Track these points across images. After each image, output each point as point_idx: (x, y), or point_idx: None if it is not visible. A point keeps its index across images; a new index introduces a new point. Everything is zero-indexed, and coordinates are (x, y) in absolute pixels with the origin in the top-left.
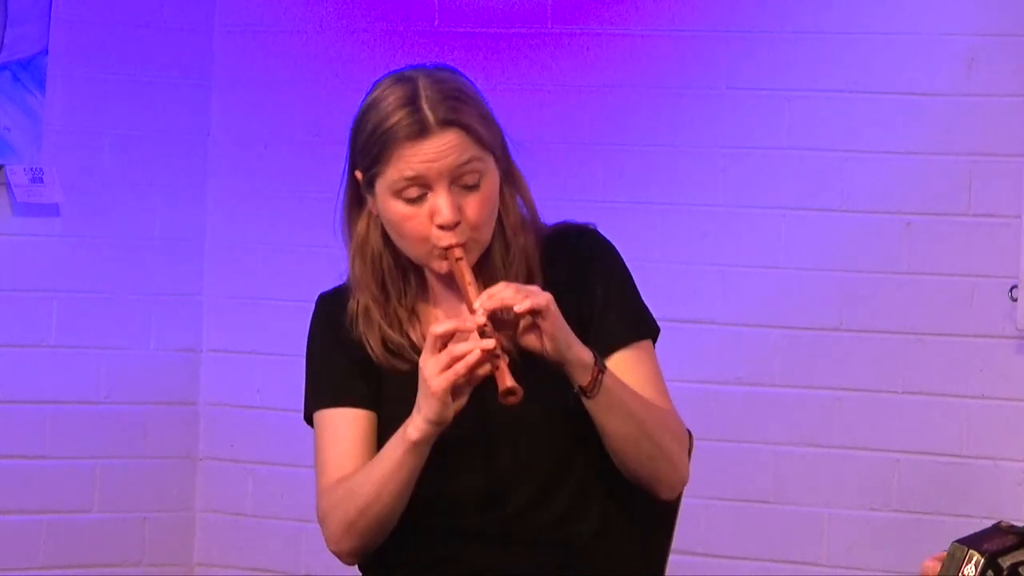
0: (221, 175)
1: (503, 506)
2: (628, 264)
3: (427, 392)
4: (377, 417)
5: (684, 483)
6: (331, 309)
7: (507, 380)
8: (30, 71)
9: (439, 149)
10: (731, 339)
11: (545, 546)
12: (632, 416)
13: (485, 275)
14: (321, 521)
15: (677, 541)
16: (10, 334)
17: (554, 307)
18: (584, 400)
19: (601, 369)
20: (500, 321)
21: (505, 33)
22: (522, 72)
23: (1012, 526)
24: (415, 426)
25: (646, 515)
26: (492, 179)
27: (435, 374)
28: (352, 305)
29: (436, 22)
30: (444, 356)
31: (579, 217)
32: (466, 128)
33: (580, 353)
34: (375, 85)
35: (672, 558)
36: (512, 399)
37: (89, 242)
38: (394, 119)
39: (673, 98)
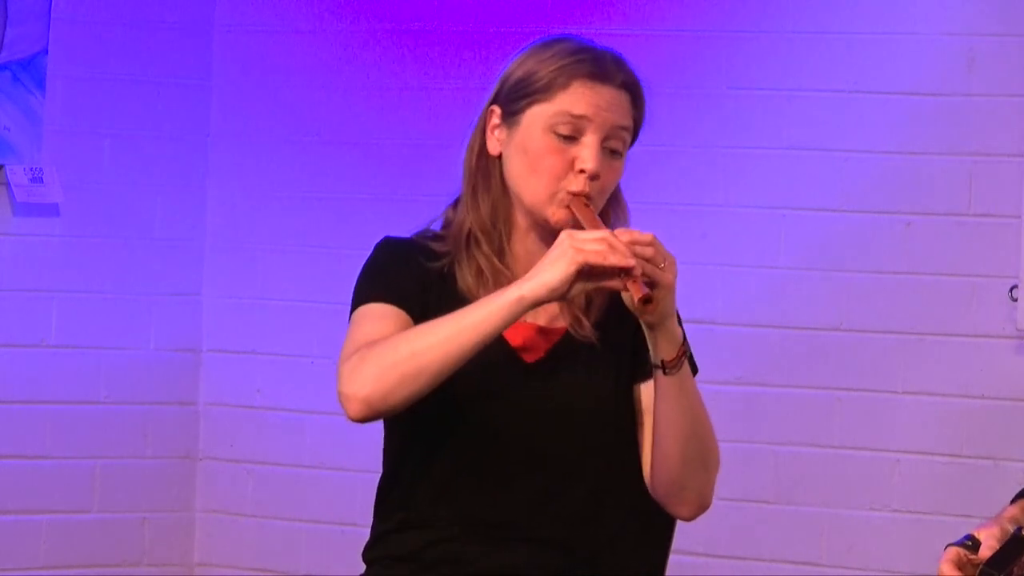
0: (221, 175)
1: (510, 498)
2: None
3: (563, 255)
4: None
5: (707, 507)
6: (404, 243)
7: (643, 289)
8: (30, 71)
9: (611, 101)
10: (731, 339)
11: (548, 547)
12: (692, 413)
13: None
14: (347, 371)
15: (677, 541)
16: (10, 334)
17: (676, 271)
18: (660, 375)
19: (686, 352)
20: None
21: (505, 33)
22: None
23: None
24: (528, 286)
25: (656, 524)
26: (623, 160)
27: (583, 249)
28: (456, 229)
29: (436, 22)
30: (603, 242)
31: None
32: (634, 99)
33: (675, 327)
34: (542, 38)
35: (672, 558)
36: (650, 306)
37: (89, 242)
38: (579, 56)
39: (673, 98)
